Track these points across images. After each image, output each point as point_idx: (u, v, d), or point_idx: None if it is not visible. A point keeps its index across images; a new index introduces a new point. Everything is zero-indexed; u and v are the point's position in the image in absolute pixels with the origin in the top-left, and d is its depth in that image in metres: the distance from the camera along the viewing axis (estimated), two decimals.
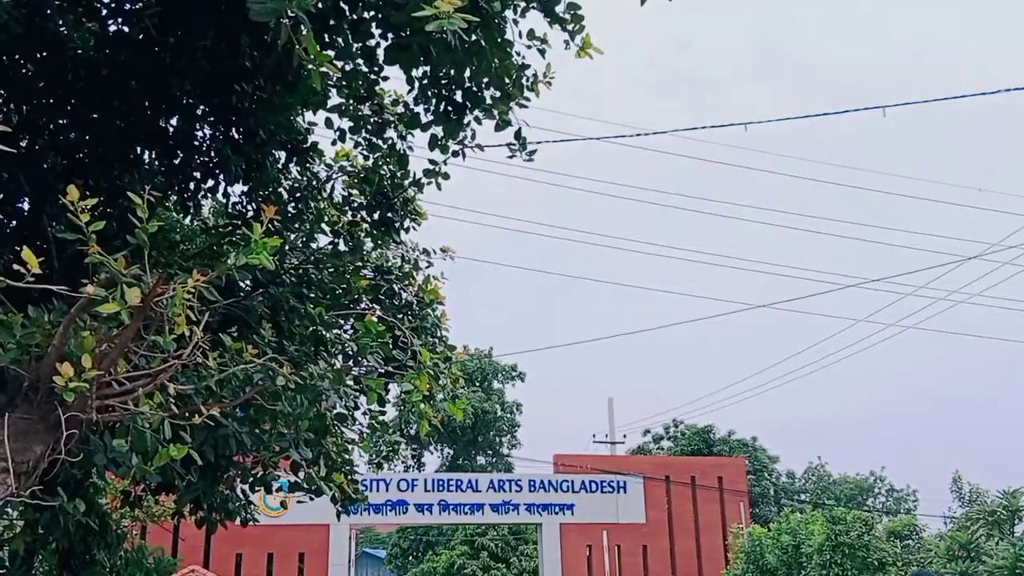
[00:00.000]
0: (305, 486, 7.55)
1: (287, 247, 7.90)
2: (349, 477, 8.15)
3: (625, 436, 42.47)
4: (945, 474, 30.40)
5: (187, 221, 8.83)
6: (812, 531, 25.20)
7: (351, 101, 7.11)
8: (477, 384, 49.41)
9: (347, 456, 8.20)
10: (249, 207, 7.98)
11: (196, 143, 7.24)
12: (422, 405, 7.73)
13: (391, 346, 6.63)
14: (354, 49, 6.09)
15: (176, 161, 7.27)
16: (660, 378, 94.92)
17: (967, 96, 13.46)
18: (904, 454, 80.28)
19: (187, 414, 4.83)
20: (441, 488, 31.37)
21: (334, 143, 7.67)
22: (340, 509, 8.30)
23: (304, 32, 4.03)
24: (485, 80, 5.80)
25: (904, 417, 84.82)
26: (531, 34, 5.83)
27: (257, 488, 7.90)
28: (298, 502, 9.19)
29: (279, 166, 7.76)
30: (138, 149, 7.18)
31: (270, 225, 4.65)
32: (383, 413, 8.60)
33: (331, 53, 5.74)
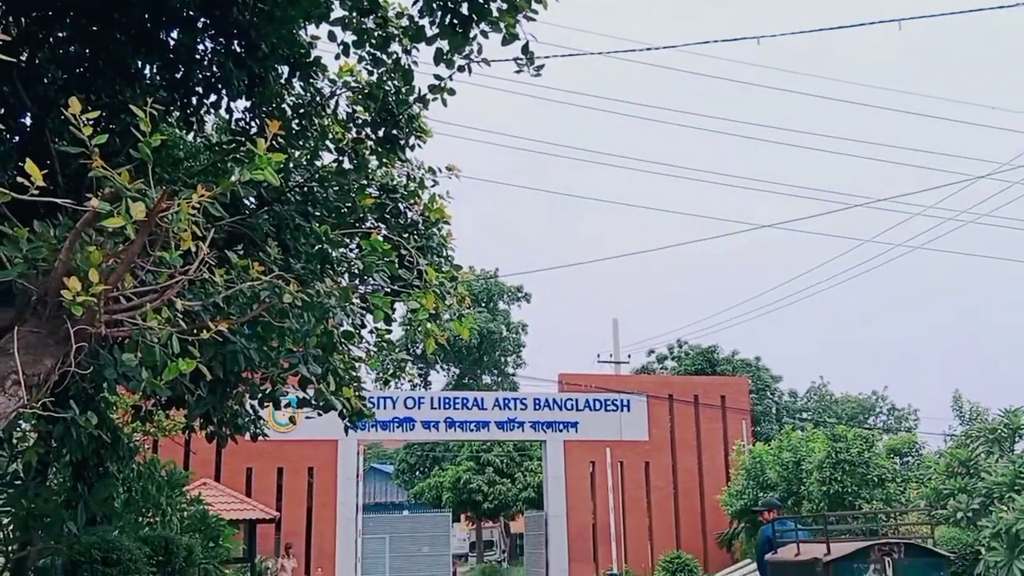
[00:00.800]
0: (314, 402, 7.66)
1: (291, 164, 7.84)
2: (357, 393, 8.23)
3: (629, 356, 42.87)
4: (947, 394, 30.73)
5: (190, 138, 8.76)
6: (813, 448, 25.58)
7: (354, 14, 6.97)
8: (483, 305, 49.66)
9: (354, 373, 8.26)
10: (252, 123, 7.90)
11: (197, 57, 7.13)
12: (428, 324, 7.78)
13: (397, 265, 6.63)
14: None
15: (178, 75, 7.18)
16: (666, 299, 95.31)
17: (986, 9, 13.09)
18: (907, 375, 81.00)
19: (195, 330, 4.86)
20: (447, 406, 31.81)
21: (337, 57, 7.55)
22: (348, 424, 8.42)
23: None
24: None
25: (908, 338, 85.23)
26: None
27: (266, 404, 8.03)
28: (307, 418, 9.34)
29: (282, 81, 7.66)
30: (139, 63, 7.08)
31: (274, 141, 4.60)
32: (389, 332, 8.66)
33: None
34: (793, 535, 9.22)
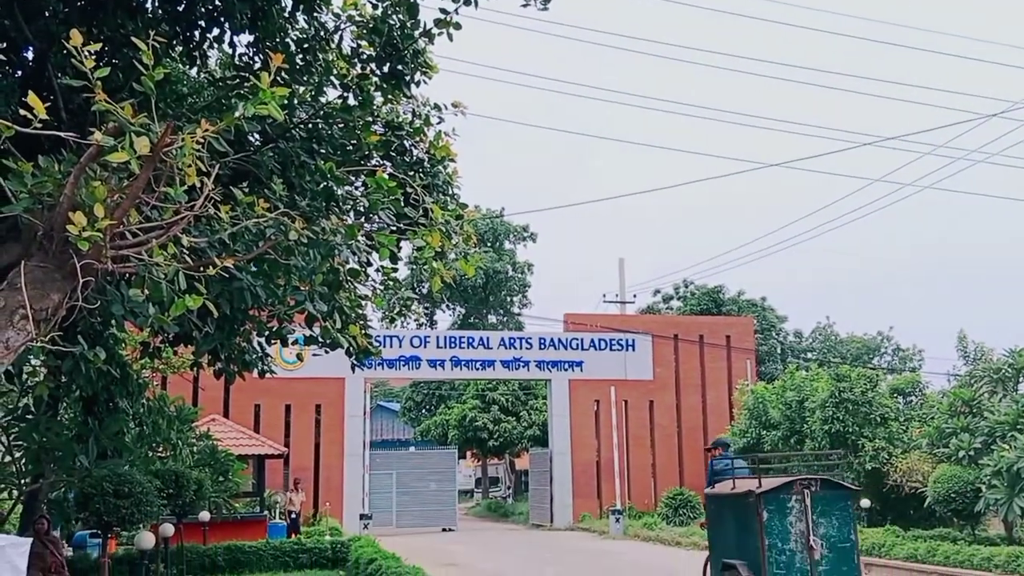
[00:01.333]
0: (320, 339, 7.70)
1: (296, 101, 7.76)
2: (364, 331, 8.25)
3: (635, 296, 42.91)
4: (953, 335, 30.79)
5: (193, 73, 8.67)
6: (816, 388, 25.69)
7: None
8: (489, 244, 49.59)
9: (360, 311, 8.28)
10: (256, 59, 7.81)
11: None
12: (434, 262, 7.78)
13: (403, 203, 6.59)
14: None
15: (180, 8, 7.07)
16: (673, 240, 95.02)
17: None
18: (913, 315, 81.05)
19: (201, 266, 4.88)
20: (453, 345, 32.00)
21: None
22: (355, 362, 8.46)
23: None
24: None
25: (916, 278, 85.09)
26: None
27: (273, 341, 8.07)
28: (313, 355, 9.41)
29: (285, 15, 7.55)
30: None
31: (278, 76, 4.55)
32: (395, 270, 8.66)
33: None
34: (730, 472, 10.32)
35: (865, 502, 22.23)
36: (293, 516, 22.21)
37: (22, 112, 3.75)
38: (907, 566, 15.66)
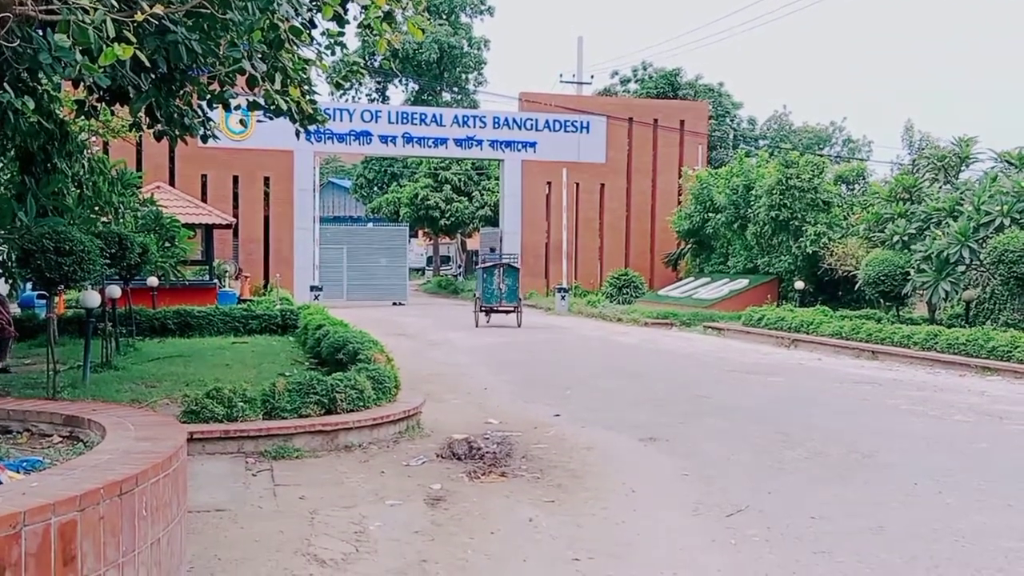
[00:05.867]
0: (263, 103, 7.50)
1: None
2: (308, 97, 8.05)
3: (592, 77, 42.39)
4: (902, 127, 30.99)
5: None
6: (763, 174, 26.05)
7: None
8: (444, 17, 47.75)
9: (305, 75, 8.03)
10: None
11: None
12: (381, 24, 7.49)
13: None
14: None
15: None
16: (636, 16, 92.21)
17: None
18: (868, 106, 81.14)
19: (130, 15, 4.63)
20: (405, 121, 31.49)
21: None
22: (299, 128, 8.29)
23: None
24: None
25: (873, 70, 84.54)
26: None
27: (215, 105, 7.84)
28: (258, 121, 9.19)
29: None
30: None
31: None
32: (342, 34, 8.35)
33: None
34: (493, 261, 22.33)
35: (799, 284, 23.16)
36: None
37: None
38: (832, 342, 16.54)
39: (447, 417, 8.72)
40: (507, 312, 21.93)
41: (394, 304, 31.60)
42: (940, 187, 19.79)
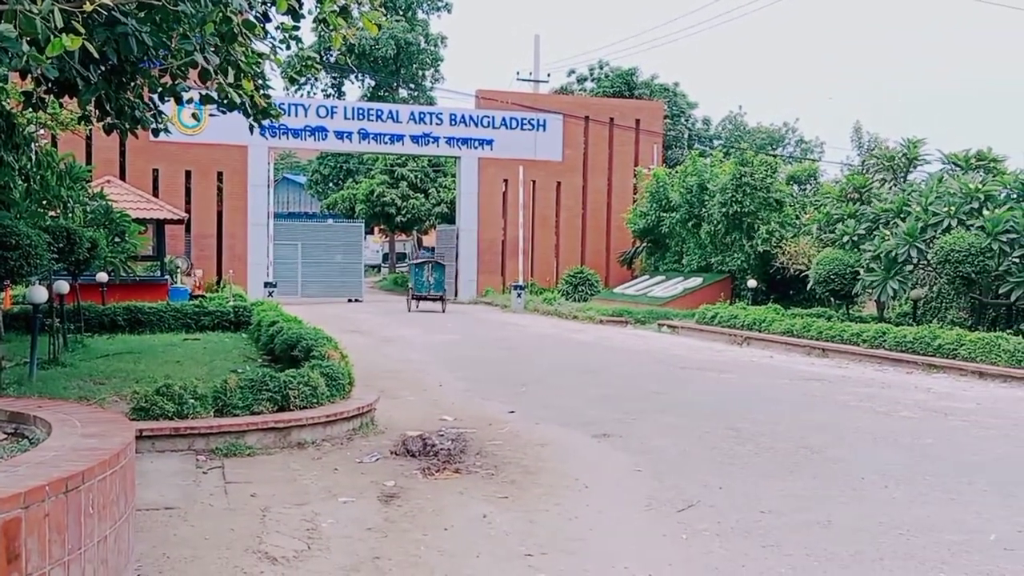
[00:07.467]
0: (216, 96, 7.41)
1: None
2: (262, 91, 7.97)
3: (549, 75, 42.47)
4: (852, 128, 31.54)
5: None
6: (717, 173, 26.35)
7: None
8: (400, 13, 47.53)
9: (258, 69, 7.95)
10: None
11: None
12: (336, 19, 7.44)
13: None
14: None
15: None
16: (593, 16, 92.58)
17: None
18: (821, 106, 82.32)
19: (78, 5, 4.55)
20: (361, 116, 31.28)
21: None
22: (253, 123, 8.19)
23: None
24: None
25: (825, 71, 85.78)
26: None
27: (167, 98, 7.72)
28: (211, 115, 9.10)
29: None
30: None
31: None
32: (297, 28, 8.27)
33: None
34: (425, 259, 25.59)
35: (752, 283, 23.46)
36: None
37: None
38: (783, 340, 16.77)
39: (402, 414, 8.70)
40: (433, 300, 26.61)
41: (349, 301, 31.43)
42: (889, 188, 20.15)
